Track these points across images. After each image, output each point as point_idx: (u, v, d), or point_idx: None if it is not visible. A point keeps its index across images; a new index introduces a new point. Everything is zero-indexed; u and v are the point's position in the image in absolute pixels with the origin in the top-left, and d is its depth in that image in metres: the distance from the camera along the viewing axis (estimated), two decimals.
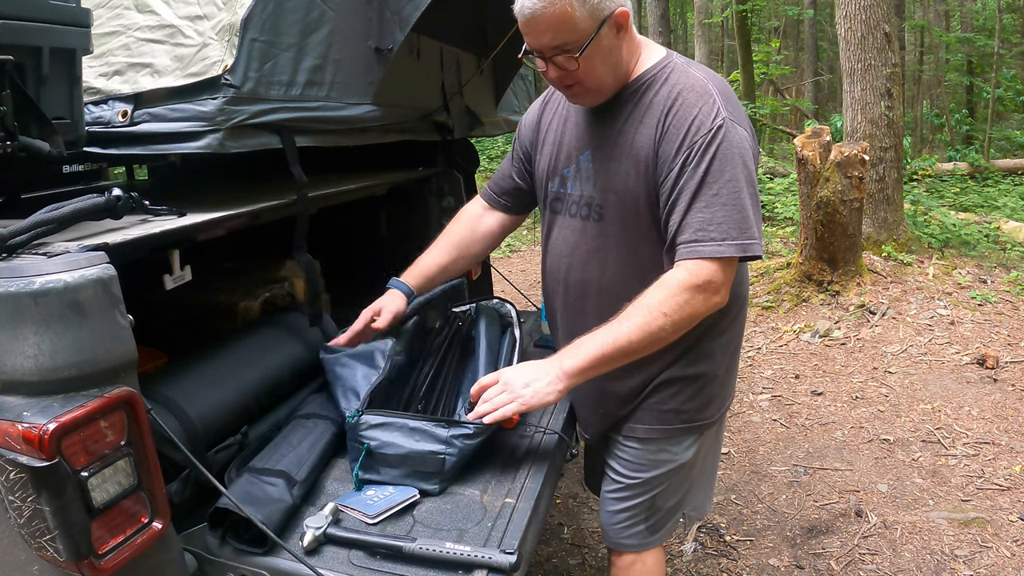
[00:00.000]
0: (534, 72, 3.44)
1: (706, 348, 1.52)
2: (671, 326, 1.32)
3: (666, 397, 1.53)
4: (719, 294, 1.34)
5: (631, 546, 1.67)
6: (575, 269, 1.53)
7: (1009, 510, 2.76)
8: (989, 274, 5.10)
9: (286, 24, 1.58)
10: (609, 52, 1.35)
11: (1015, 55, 13.97)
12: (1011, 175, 9.47)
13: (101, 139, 1.50)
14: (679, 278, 1.32)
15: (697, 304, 1.32)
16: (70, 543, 1.03)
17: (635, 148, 1.39)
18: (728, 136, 1.31)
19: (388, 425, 1.48)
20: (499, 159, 11.95)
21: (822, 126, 5.29)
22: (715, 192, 1.30)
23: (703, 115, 1.32)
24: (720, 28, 17.09)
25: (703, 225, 1.31)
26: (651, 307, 1.32)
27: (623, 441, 1.61)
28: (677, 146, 1.33)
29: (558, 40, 1.31)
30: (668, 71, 1.40)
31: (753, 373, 4.20)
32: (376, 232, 2.88)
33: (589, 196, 1.48)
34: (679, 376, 1.52)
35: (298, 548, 1.28)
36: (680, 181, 1.33)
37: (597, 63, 1.34)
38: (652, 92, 1.39)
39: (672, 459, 1.59)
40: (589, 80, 1.37)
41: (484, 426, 1.46)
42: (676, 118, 1.34)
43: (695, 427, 1.57)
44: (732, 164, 1.31)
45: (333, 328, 2.03)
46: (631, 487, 1.62)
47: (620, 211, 1.43)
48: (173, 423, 1.39)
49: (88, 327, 1.05)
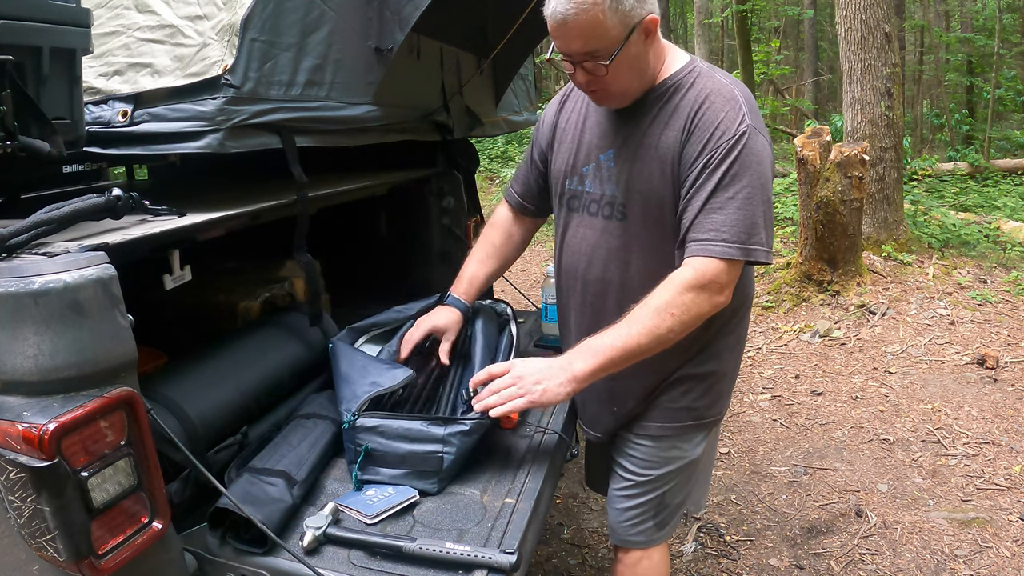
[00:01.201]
0: (534, 72, 3.45)
1: (716, 347, 1.56)
2: (679, 326, 1.34)
3: (677, 395, 1.56)
4: (723, 294, 1.36)
5: (639, 543, 1.69)
6: (595, 267, 1.54)
7: (1009, 510, 2.76)
8: (989, 274, 5.10)
9: (286, 24, 1.58)
10: (637, 58, 1.36)
11: (1015, 55, 13.97)
12: (1011, 175, 9.46)
13: (101, 139, 1.50)
14: (685, 277, 1.34)
15: (702, 303, 1.34)
16: (70, 543, 1.03)
17: (661, 150, 1.41)
18: (750, 143, 1.34)
19: (384, 426, 1.49)
20: (499, 159, 11.94)
21: (822, 126, 5.29)
22: (730, 195, 1.33)
23: (728, 120, 1.35)
24: (720, 28, 17.08)
25: (716, 225, 1.34)
26: (659, 308, 1.33)
27: (635, 439, 1.63)
28: (701, 148, 1.35)
29: (589, 47, 1.32)
30: (695, 76, 1.43)
31: (753, 373, 4.20)
32: (376, 232, 2.88)
33: (612, 195, 1.50)
34: (691, 374, 1.55)
35: (298, 548, 1.28)
36: (699, 181, 1.36)
37: (625, 69, 1.36)
38: (679, 96, 1.41)
39: (683, 456, 1.62)
40: (615, 85, 1.39)
41: (480, 422, 1.48)
42: (703, 121, 1.36)
43: (705, 424, 1.61)
44: (750, 171, 1.34)
45: (333, 328, 2.03)
46: (641, 484, 1.64)
47: (644, 211, 1.45)
48: (173, 423, 1.39)
49: (88, 327, 1.05)
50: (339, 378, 1.67)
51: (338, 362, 1.71)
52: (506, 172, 10.67)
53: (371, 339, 2.01)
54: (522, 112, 3.25)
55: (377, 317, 2.03)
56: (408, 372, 1.65)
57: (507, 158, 11.94)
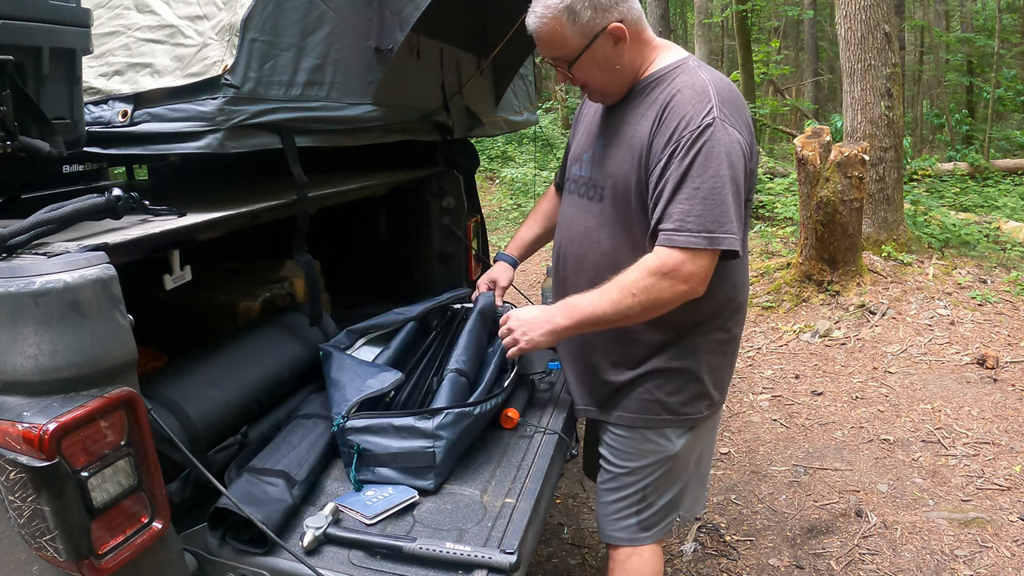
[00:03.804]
0: (534, 72, 3.46)
1: (691, 344, 1.58)
2: (638, 306, 1.43)
3: (652, 387, 1.61)
4: (688, 283, 1.40)
5: (622, 539, 1.72)
6: (574, 244, 1.66)
7: (1009, 510, 2.76)
8: (989, 274, 5.10)
9: (286, 24, 1.58)
10: (606, 61, 1.48)
11: (1015, 55, 13.96)
12: (1011, 175, 9.46)
13: (101, 139, 1.51)
14: (649, 263, 1.42)
15: (664, 289, 1.41)
16: (70, 543, 1.03)
17: (634, 138, 1.50)
18: (716, 134, 1.38)
19: (374, 426, 1.49)
20: (499, 159, 11.99)
21: (822, 126, 5.29)
22: (696, 186, 1.38)
23: (694, 112, 1.40)
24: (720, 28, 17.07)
25: (682, 216, 1.39)
26: (623, 286, 1.44)
27: (612, 428, 1.69)
28: (667, 139, 1.42)
29: (554, 53, 1.50)
30: (678, 72, 1.49)
31: (753, 373, 4.20)
32: (376, 232, 2.88)
33: (595, 178, 1.61)
34: (663, 368, 1.59)
35: (298, 548, 1.28)
36: (667, 172, 1.41)
37: (595, 71, 1.50)
38: (659, 90, 1.49)
39: (659, 449, 1.64)
40: (592, 84, 1.54)
41: (462, 411, 1.53)
42: (670, 113, 1.43)
43: (681, 421, 1.63)
44: (717, 161, 1.37)
45: (333, 328, 2.03)
46: (620, 476, 1.69)
47: (614, 194, 1.55)
48: (173, 423, 1.39)
49: (88, 327, 1.05)
50: (330, 384, 1.68)
51: (329, 368, 1.72)
52: (506, 172, 10.67)
53: (370, 341, 2.01)
54: (522, 112, 3.25)
55: (376, 319, 2.03)
56: (398, 375, 1.66)
57: (507, 158, 11.95)
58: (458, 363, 1.77)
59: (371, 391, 1.58)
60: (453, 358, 1.80)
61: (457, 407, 1.53)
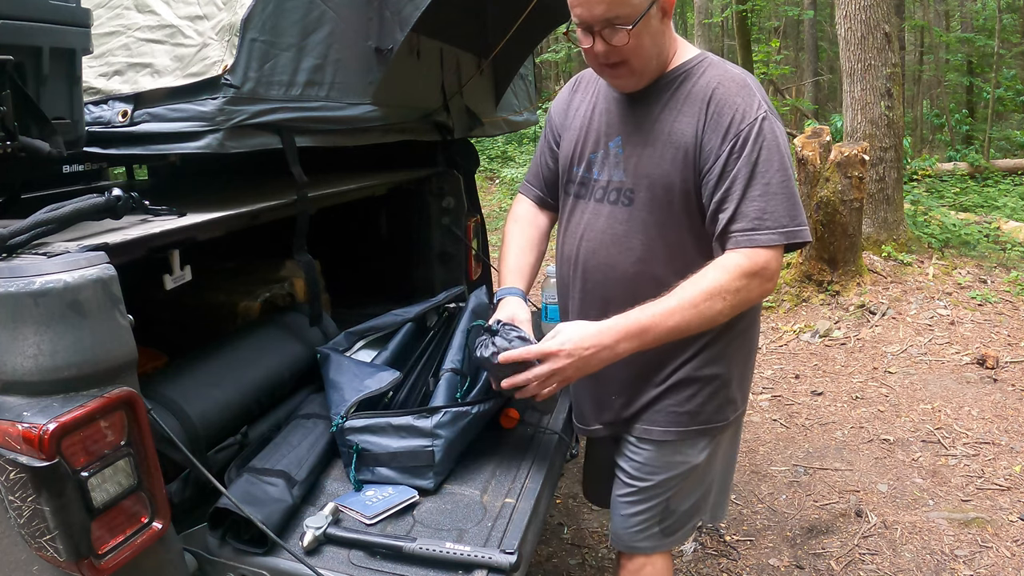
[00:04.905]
0: (534, 72, 3.44)
1: (721, 349, 1.53)
2: (728, 309, 1.36)
3: (683, 399, 1.53)
4: (772, 281, 1.38)
5: (644, 549, 1.64)
6: (599, 253, 1.53)
7: (1009, 510, 2.76)
8: (989, 274, 5.10)
9: (286, 24, 1.58)
10: (657, 33, 1.37)
11: (1015, 55, 13.95)
12: (1011, 175, 9.46)
13: (101, 139, 1.50)
14: (739, 263, 1.35)
15: (753, 289, 1.36)
16: (70, 543, 1.03)
17: (674, 136, 1.41)
18: (772, 127, 1.36)
19: (373, 426, 1.50)
20: (499, 159, 11.93)
21: (822, 126, 5.29)
22: (767, 181, 1.35)
23: (745, 105, 1.36)
24: (720, 28, 17.06)
25: (759, 214, 1.35)
26: (710, 291, 1.34)
27: (637, 444, 1.58)
28: (723, 134, 1.36)
29: (612, 12, 1.30)
30: (705, 65, 1.44)
31: (753, 373, 4.20)
32: (376, 232, 2.88)
33: (619, 181, 1.49)
34: (695, 377, 1.52)
35: (298, 548, 1.28)
36: (731, 169, 1.36)
37: (646, 41, 1.35)
38: (690, 83, 1.42)
39: (686, 461, 1.57)
40: (636, 59, 1.37)
41: (460, 410, 1.51)
42: (718, 107, 1.37)
43: (710, 429, 1.56)
44: (778, 154, 1.36)
45: (333, 328, 2.03)
46: (644, 490, 1.60)
47: (650, 197, 1.45)
48: (173, 423, 1.39)
49: (88, 327, 1.05)
50: (328, 385, 1.68)
51: (327, 370, 1.72)
52: (506, 172, 10.66)
53: (369, 343, 2.01)
54: (522, 112, 3.25)
55: (374, 321, 2.03)
56: (395, 374, 1.66)
57: (507, 158, 11.93)
58: (453, 363, 1.77)
59: (369, 391, 1.58)
60: (448, 358, 1.80)
61: (455, 406, 1.53)
